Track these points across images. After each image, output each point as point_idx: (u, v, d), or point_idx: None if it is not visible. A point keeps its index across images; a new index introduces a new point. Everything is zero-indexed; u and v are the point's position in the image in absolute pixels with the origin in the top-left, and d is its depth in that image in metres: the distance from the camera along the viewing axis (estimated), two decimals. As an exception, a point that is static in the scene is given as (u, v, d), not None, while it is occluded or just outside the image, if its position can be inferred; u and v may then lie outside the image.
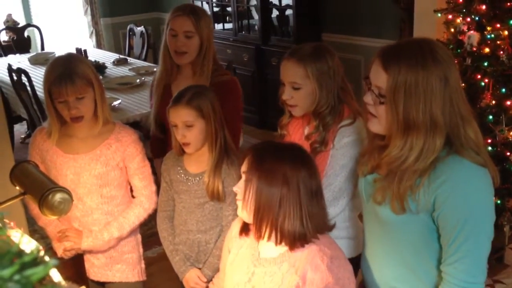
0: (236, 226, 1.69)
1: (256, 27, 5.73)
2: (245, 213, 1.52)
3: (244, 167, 1.52)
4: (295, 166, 1.47)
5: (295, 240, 1.47)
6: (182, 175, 2.05)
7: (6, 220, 1.59)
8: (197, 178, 2.02)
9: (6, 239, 0.53)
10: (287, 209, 1.45)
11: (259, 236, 1.51)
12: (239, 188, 1.53)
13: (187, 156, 2.06)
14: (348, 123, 1.87)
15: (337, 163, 1.86)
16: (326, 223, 1.55)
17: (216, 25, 6.18)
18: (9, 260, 0.50)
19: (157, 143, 2.53)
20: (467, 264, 1.36)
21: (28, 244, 1.40)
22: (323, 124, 1.87)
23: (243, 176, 1.52)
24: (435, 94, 1.34)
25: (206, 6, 6.17)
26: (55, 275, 1.39)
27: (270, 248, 1.54)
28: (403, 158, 1.37)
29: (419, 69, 1.34)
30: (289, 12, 5.35)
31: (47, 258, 0.54)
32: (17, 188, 1.62)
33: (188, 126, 1.93)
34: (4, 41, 6.78)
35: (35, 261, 0.52)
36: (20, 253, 0.52)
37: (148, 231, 3.74)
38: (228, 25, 6.07)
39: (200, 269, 2.08)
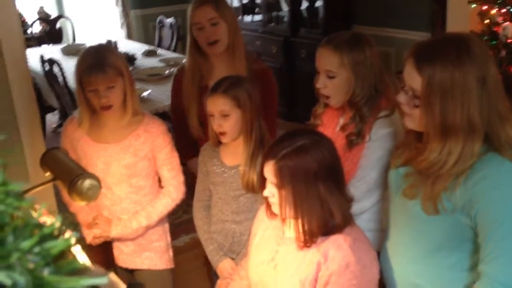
0: (263, 211, 1.69)
1: (285, 18, 5.69)
2: (287, 224, 1.53)
3: (271, 178, 1.48)
4: (321, 154, 1.45)
5: (340, 228, 1.49)
6: (219, 167, 2.06)
7: (37, 206, 1.62)
8: (233, 171, 2.02)
9: (27, 211, 0.53)
10: (331, 201, 1.46)
11: (311, 240, 1.48)
12: (269, 193, 1.51)
13: (224, 148, 2.06)
14: (385, 115, 1.82)
15: (373, 155, 1.83)
16: (350, 205, 1.55)
17: (245, 16, 6.16)
18: (29, 231, 0.50)
19: (191, 145, 2.48)
20: (503, 264, 1.31)
21: (48, 219, 1.43)
22: (360, 115, 1.83)
23: (272, 184, 1.50)
24: (472, 95, 1.29)
25: (235, -2, 6.17)
26: (85, 260, 1.41)
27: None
28: (442, 163, 1.33)
29: (455, 70, 1.29)
30: (319, 3, 5.30)
31: (68, 233, 0.54)
32: (47, 174, 1.65)
33: (224, 115, 1.93)
34: (36, 33, 6.90)
35: (55, 234, 0.52)
36: (41, 225, 0.51)
37: (175, 221, 3.78)
38: (257, 17, 6.04)
39: (233, 259, 2.09)
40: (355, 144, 1.85)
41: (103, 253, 2.21)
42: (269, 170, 1.48)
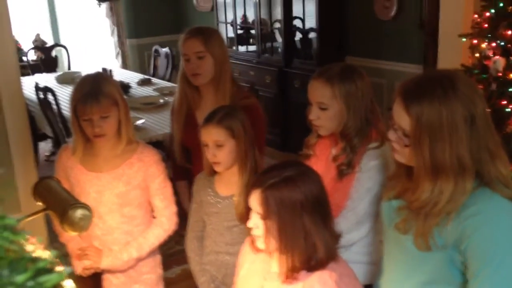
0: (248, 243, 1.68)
1: (279, 49, 5.76)
2: (274, 258, 1.51)
3: (257, 207, 1.47)
4: (308, 187, 1.45)
5: (323, 263, 1.46)
6: (213, 197, 2.05)
7: (28, 236, 1.60)
8: (227, 201, 2.01)
9: (22, 245, 0.53)
10: (315, 235, 1.44)
11: (292, 276, 1.46)
12: (254, 225, 1.50)
13: (218, 178, 2.05)
14: (375, 146, 1.84)
15: (362, 186, 1.83)
16: (336, 241, 1.53)
17: (239, 47, 6.24)
18: (24, 266, 0.50)
19: (181, 167, 2.49)
20: None
21: (42, 252, 1.42)
22: (351, 146, 1.85)
23: (257, 215, 1.48)
24: (460, 134, 1.30)
25: (230, 29, 6.25)
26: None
27: None
28: (433, 202, 1.33)
29: (442, 109, 1.30)
30: (312, 35, 5.37)
31: (61, 267, 0.54)
32: (39, 203, 1.64)
33: (218, 145, 1.94)
34: (32, 60, 6.93)
35: (49, 268, 0.52)
36: (35, 259, 0.51)
37: (168, 251, 3.73)
38: (252, 47, 6.12)
39: None
40: (345, 174, 1.86)
41: (92, 285, 2.18)
42: (255, 199, 1.47)
